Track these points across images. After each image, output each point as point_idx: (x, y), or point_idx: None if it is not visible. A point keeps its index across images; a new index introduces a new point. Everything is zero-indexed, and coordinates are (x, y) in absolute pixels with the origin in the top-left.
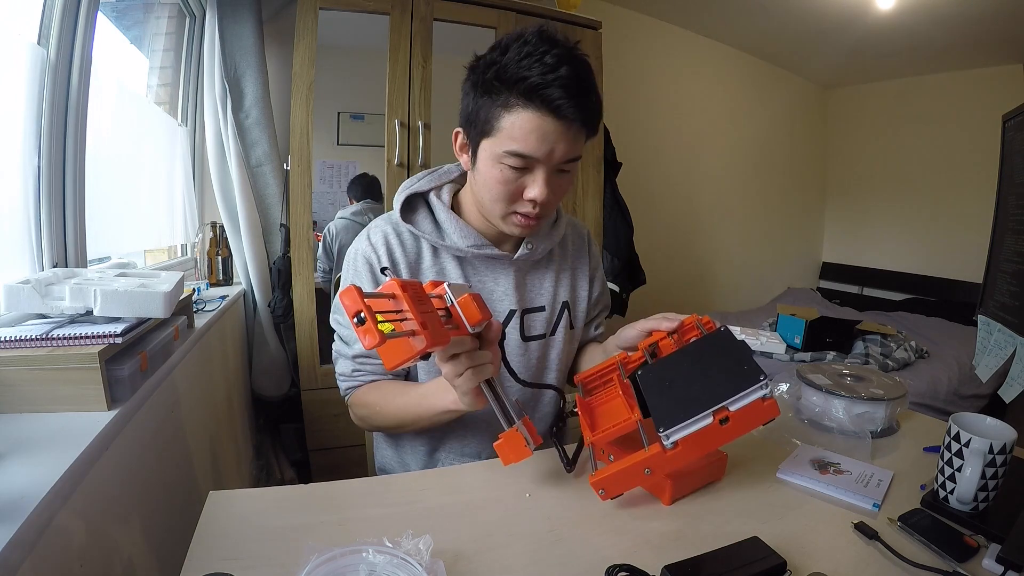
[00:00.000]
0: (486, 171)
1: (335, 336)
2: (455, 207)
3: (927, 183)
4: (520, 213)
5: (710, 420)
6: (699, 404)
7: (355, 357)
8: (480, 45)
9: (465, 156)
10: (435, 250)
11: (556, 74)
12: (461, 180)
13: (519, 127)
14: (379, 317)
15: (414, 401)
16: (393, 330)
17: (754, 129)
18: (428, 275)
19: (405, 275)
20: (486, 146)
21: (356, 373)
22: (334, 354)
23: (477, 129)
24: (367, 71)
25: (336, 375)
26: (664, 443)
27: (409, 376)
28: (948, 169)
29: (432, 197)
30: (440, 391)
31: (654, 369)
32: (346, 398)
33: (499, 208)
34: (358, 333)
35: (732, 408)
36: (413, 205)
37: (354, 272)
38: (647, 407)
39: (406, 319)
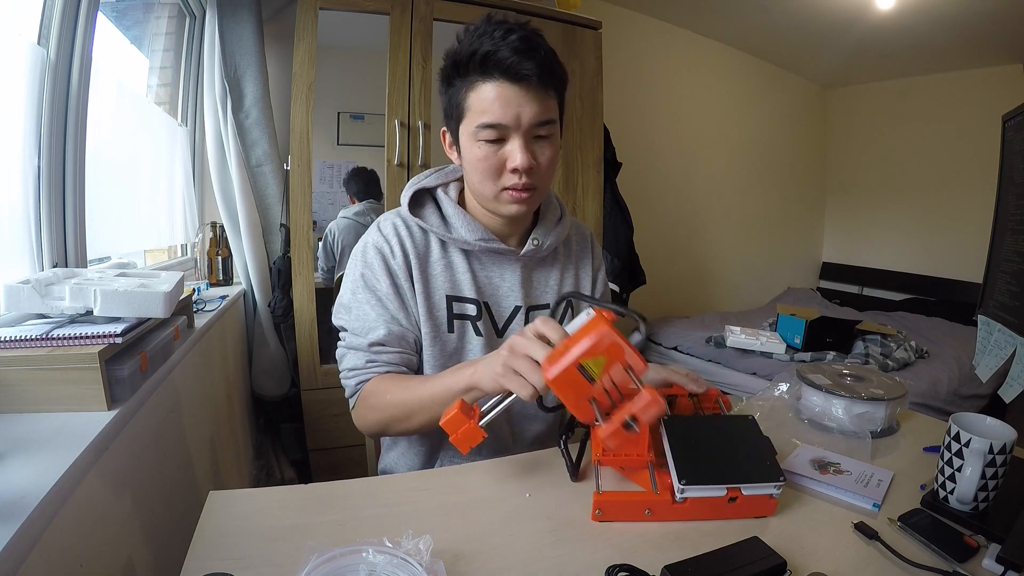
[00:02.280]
0: (468, 154)
1: (340, 334)
2: (460, 204)
3: (927, 183)
4: (508, 187)
5: (723, 493)
6: (720, 475)
7: (371, 346)
8: None
9: (454, 152)
10: (443, 244)
11: (505, 40)
12: None
13: (483, 99)
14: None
15: (436, 380)
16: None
17: (754, 129)
18: (436, 267)
19: (415, 265)
20: (463, 130)
21: (370, 365)
22: (340, 351)
23: (453, 119)
24: (367, 71)
25: (344, 372)
26: (676, 495)
27: (417, 371)
28: (948, 169)
29: (439, 192)
30: (465, 366)
31: (682, 422)
32: (355, 396)
33: (489, 188)
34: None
35: (744, 492)
36: (420, 201)
37: (364, 263)
38: (662, 445)
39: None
